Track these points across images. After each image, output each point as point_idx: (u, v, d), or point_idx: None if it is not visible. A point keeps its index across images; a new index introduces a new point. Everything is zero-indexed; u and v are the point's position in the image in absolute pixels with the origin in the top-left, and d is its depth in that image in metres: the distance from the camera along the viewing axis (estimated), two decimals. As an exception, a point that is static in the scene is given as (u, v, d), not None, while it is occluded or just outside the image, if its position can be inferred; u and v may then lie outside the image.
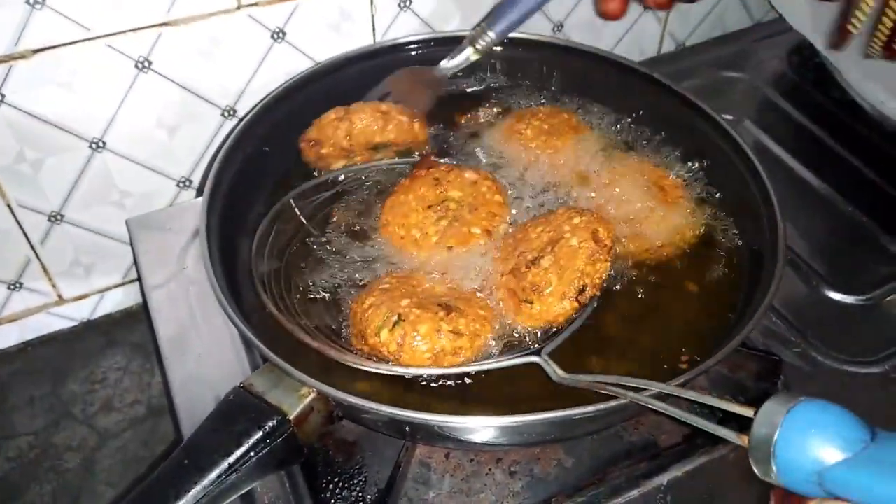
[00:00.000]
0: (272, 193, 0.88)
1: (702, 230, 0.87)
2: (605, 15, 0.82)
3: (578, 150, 0.92)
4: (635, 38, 1.25)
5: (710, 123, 0.90)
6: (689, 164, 0.93)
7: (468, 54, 0.91)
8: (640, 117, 0.97)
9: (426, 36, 1.00)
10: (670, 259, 0.84)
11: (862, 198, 1.03)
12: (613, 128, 0.97)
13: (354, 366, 0.70)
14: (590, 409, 0.63)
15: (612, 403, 0.63)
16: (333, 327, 0.76)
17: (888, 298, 0.93)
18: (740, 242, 0.86)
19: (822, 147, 1.11)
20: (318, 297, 0.79)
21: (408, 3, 1.02)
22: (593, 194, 0.88)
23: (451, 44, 1.00)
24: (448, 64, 0.92)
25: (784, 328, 0.89)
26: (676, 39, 1.30)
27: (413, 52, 0.99)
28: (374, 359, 0.72)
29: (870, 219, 1.01)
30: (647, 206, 0.86)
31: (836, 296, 0.93)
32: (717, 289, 0.82)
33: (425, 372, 0.70)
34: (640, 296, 0.80)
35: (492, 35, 0.89)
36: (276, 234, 0.83)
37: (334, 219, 0.86)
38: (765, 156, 1.09)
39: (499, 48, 1.00)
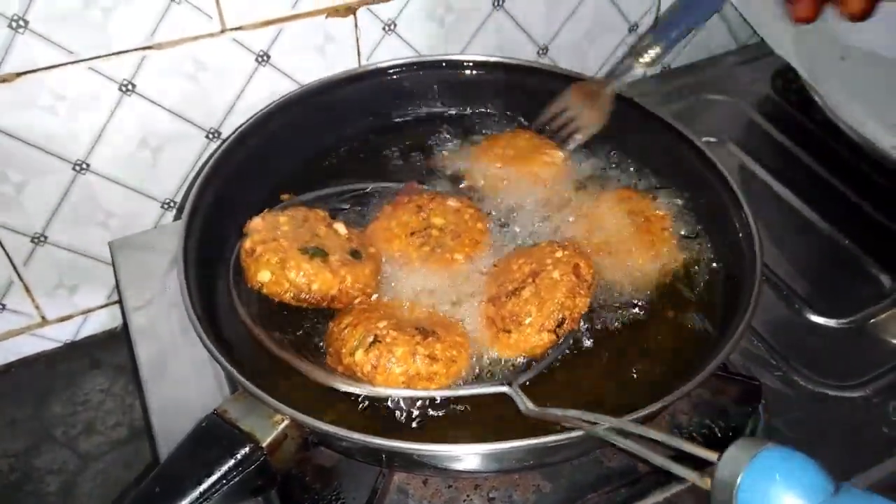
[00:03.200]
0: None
1: (682, 255, 0.87)
2: (797, 19, 0.73)
3: (559, 175, 0.93)
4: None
5: (688, 145, 0.90)
6: (669, 186, 0.93)
7: (636, 68, 0.89)
8: (621, 141, 0.97)
9: (410, 59, 1.01)
10: (649, 285, 0.84)
11: (844, 221, 1.03)
12: (596, 152, 0.98)
13: (324, 382, 0.70)
14: (566, 436, 0.63)
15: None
16: (309, 345, 0.76)
17: (870, 322, 0.93)
18: (719, 265, 0.86)
19: (806, 170, 1.12)
20: (296, 314, 0.78)
21: (392, 27, 1.02)
22: (571, 219, 0.88)
23: (436, 67, 1.02)
24: (615, 79, 0.90)
25: (766, 352, 0.89)
26: (662, 62, 1.30)
27: (397, 76, 1.00)
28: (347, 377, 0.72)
29: (852, 242, 1.01)
30: (629, 236, 0.86)
31: (818, 319, 0.93)
32: (696, 313, 0.82)
33: (396, 393, 0.70)
34: (618, 324, 0.80)
35: (662, 46, 0.87)
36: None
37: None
38: (748, 178, 1.10)
39: (481, 71, 1.01)
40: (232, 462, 0.60)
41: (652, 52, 0.87)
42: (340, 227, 0.83)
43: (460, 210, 0.87)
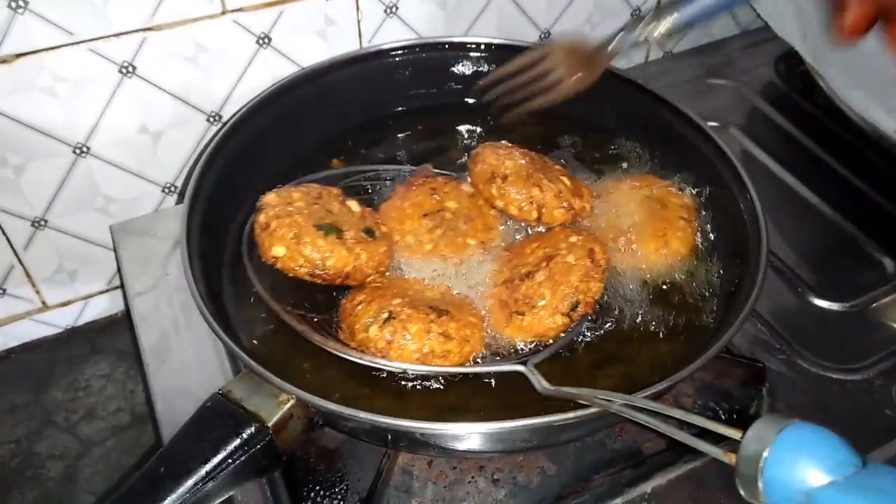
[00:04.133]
0: (256, 199, 0.87)
1: (689, 240, 0.86)
2: (841, 32, 0.66)
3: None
4: (623, 46, 1.25)
5: (694, 129, 0.90)
6: (675, 171, 0.93)
7: (642, 35, 0.78)
8: (626, 124, 0.97)
9: (413, 42, 1.00)
10: (655, 268, 0.83)
11: (847, 205, 1.03)
12: (599, 135, 0.97)
13: (336, 353, 0.70)
14: (571, 415, 0.63)
15: (593, 410, 0.63)
16: (320, 319, 0.76)
17: (873, 305, 0.93)
18: (724, 248, 0.86)
19: (809, 154, 1.11)
20: (309, 291, 0.78)
21: (394, 10, 1.02)
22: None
23: (438, 49, 1.01)
24: (619, 43, 0.80)
25: (769, 335, 0.89)
26: (664, 46, 1.30)
27: (399, 58, 0.99)
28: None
29: (855, 226, 1.01)
30: (641, 222, 0.85)
31: (821, 303, 0.93)
32: (702, 297, 0.82)
33: (410, 367, 0.70)
34: (625, 306, 0.80)
35: (674, 20, 0.76)
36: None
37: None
38: (751, 163, 1.10)
39: (483, 54, 1.00)
40: (238, 441, 0.60)
41: (665, 25, 0.77)
42: (354, 205, 0.82)
43: (474, 195, 0.87)
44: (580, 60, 0.84)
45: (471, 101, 1.02)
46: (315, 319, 0.75)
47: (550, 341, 0.75)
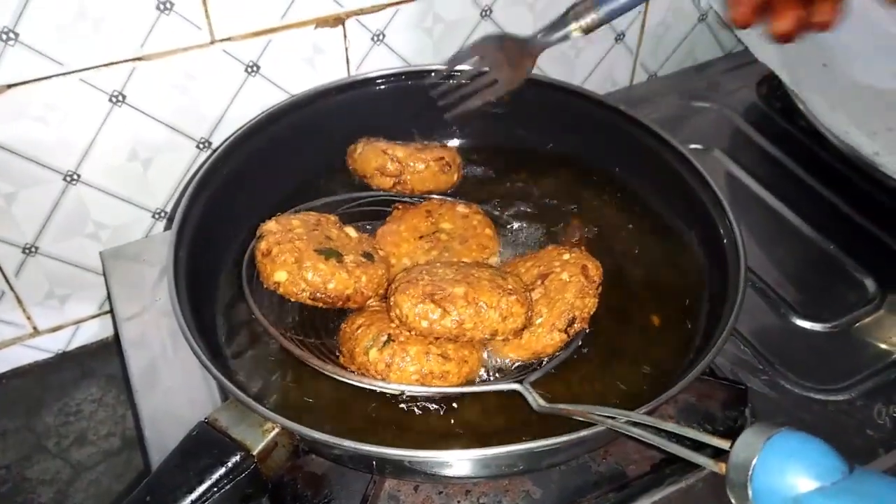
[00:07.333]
0: (244, 227, 0.89)
1: (664, 261, 0.88)
2: (733, 20, 0.72)
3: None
4: (608, 70, 1.27)
5: (673, 152, 0.92)
6: (654, 194, 0.94)
7: (570, 30, 0.83)
8: (605, 147, 0.98)
9: (400, 70, 1.02)
10: (635, 292, 0.85)
11: (829, 226, 1.05)
12: (579, 158, 0.99)
13: (335, 377, 0.72)
14: (555, 440, 0.64)
15: (578, 434, 0.64)
16: (318, 344, 0.78)
17: (855, 325, 0.94)
18: (704, 270, 0.87)
19: (791, 176, 1.13)
20: (307, 316, 0.79)
21: (381, 38, 1.03)
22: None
23: (426, 77, 1.02)
24: (545, 38, 0.86)
25: (752, 356, 0.89)
26: (648, 70, 1.32)
27: (386, 86, 1.01)
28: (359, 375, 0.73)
29: (837, 246, 1.02)
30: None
31: (803, 323, 0.94)
32: (682, 318, 0.83)
33: (407, 389, 0.72)
34: (605, 331, 0.82)
35: (601, 13, 0.81)
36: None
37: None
38: (734, 185, 1.11)
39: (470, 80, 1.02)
40: (223, 470, 0.61)
41: (590, 18, 0.81)
42: (351, 231, 0.85)
43: (468, 216, 0.90)
44: (510, 59, 0.89)
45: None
46: (312, 341, 0.77)
47: (546, 359, 0.77)
